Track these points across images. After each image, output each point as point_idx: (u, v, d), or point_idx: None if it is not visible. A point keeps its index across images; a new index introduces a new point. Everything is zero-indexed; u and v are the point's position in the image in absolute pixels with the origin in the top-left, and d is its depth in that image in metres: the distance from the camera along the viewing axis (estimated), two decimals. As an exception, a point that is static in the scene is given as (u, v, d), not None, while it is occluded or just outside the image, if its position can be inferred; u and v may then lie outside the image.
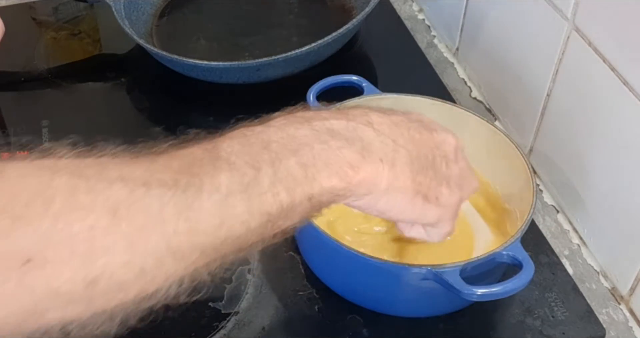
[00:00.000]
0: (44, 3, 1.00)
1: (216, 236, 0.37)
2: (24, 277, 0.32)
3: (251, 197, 0.38)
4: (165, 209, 0.35)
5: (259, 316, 0.64)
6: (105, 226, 0.34)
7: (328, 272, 0.66)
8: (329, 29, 0.81)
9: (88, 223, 0.34)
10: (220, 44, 0.92)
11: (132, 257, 0.35)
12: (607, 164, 0.66)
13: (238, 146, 0.40)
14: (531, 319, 0.64)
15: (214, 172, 0.38)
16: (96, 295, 0.35)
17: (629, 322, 0.67)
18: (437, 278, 0.55)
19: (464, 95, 0.89)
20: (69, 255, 0.33)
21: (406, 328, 0.64)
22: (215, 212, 0.37)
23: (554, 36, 0.69)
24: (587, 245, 0.72)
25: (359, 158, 0.42)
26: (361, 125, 0.44)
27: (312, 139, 0.42)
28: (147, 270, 0.35)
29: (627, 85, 0.60)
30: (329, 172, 0.41)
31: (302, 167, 0.40)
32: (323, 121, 0.43)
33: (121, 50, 0.94)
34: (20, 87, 0.90)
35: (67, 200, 0.34)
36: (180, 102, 0.87)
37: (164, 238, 0.35)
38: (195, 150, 0.39)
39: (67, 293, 0.34)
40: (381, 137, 0.44)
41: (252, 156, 0.39)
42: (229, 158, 0.39)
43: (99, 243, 0.34)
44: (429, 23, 0.99)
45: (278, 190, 0.39)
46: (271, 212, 0.39)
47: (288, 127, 0.42)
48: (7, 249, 0.32)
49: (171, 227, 0.35)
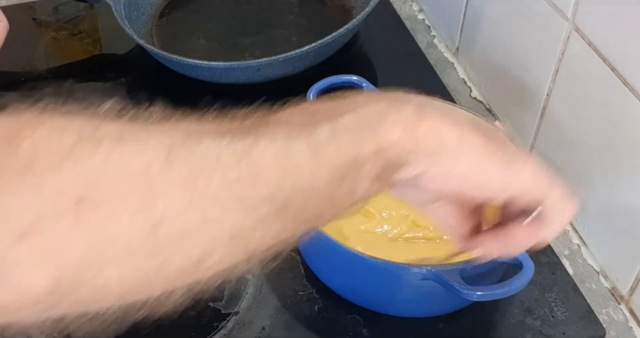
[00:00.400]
0: (44, 3, 1.00)
1: (281, 187, 0.33)
2: (79, 218, 0.29)
3: (313, 147, 0.34)
4: (224, 154, 0.32)
5: (259, 316, 0.64)
6: (161, 165, 0.31)
7: (328, 272, 0.66)
8: (329, 29, 0.81)
9: (144, 159, 0.30)
10: (220, 44, 0.92)
11: (192, 201, 0.31)
12: (607, 164, 0.66)
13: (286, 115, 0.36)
14: (531, 319, 0.64)
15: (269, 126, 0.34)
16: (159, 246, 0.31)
17: (629, 322, 0.67)
18: (437, 278, 0.55)
19: (464, 95, 0.89)
20: (125, 195, 0.30)
21: (406, 328, 0.64)
22: (277, 161, 0.33)
23: (554, 36, 0.69)
24: (587, 245, 0.72)
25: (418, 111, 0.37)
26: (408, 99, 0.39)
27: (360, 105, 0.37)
28: (211, 220, 0.32)
29: (627, 85, 0.60)
30: (390, 123, 0.36)
31: (360, 121, 0.36)
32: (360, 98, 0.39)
33: (121, 50, 0.94)
34: (20, 87, 0.90)
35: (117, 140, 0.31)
36: (180, 102, 0.87)
37: (225, 183, 0.32)
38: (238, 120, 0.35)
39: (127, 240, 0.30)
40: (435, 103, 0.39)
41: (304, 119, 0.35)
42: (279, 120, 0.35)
43: (156, 182, 0.30)
44: (429, 23, 0.99)
45: (340, 142, 0.35)
46: (337, 167, 0.34)
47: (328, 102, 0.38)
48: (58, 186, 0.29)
49: (233, 173, 0.32)
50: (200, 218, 0.31)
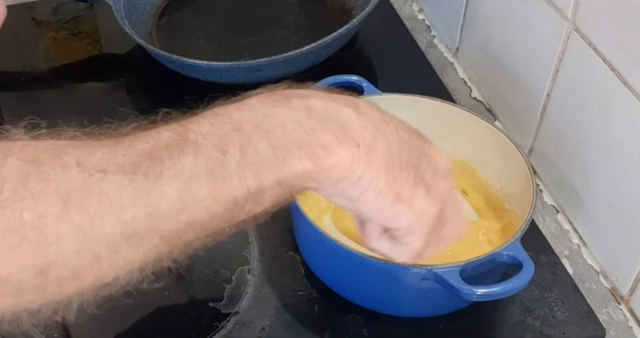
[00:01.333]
0: (44, 3, 1.00)
1: (177, 221, 0.36)
2: None
3: (216, 181, 0.36)
4: (123, 195, 0.35)
5: (259, 316, 0.64)
6: (56, 214, 0.33)
7: (328, 272, 0.66)
8: (329, 29, 0.81)
9: (38, 211, 0.33)
10: (220, 44, 0.92)
11: (85, 245, 0.34)
12: (607, 164, 0.66)
13: (208, 127, 0.38)
14: (531, 319, 0.64)
15: (179, 155, 0.36)
16: (48, 283, 0.34)
17: (629, 322, 0.67)
18: (437, 278, 0.55)
19: (464, 95, 0.89)
20: (17, 243, 0.33)
21: (406, 328, 0.64)
22: (176, 196, 0.36)
23: (554, 36, 0.69)
24: (587, 245, 0.72)
25: (333, 139, 0.39)
26: (344, 106, 0.41)
27: (287, 118, 0.39)
28: (102, 257, 0.35)
29: (627, 85, 0.60)
30: (301, 154, 0.38)
31: (273, 149, 0.38)
32: (302, 99, 0.41)
33: (121, 50, 0.94)
34: (20, 87, 0.90)
35: (17, 188, 0.33)
36: (180, 102, 0.87)
37: (120, 224, 0.34)
38: (162, 132, 0.38)
39: (18, 282, 0.34)
40: (363, 121, 0.41)
41: (221, 138, 0.37)
42: (196, 140, 0.37)
43: (50, 231, 0.33)
44: (429, 23, 0.99)
45: (245, 173, 0.37)
46: (237, 197, 0.37)
47: (264, 106, 0.40)
48: None
49: (128, 213, 0.35)
50: (91, 258, 0.35)
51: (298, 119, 0.39)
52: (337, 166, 0.40)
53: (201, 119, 0.39)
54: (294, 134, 0.39)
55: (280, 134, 0.38)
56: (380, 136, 0.41)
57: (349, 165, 0.40)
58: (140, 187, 0.35)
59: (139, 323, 0.62)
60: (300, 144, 0.38)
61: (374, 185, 0.41)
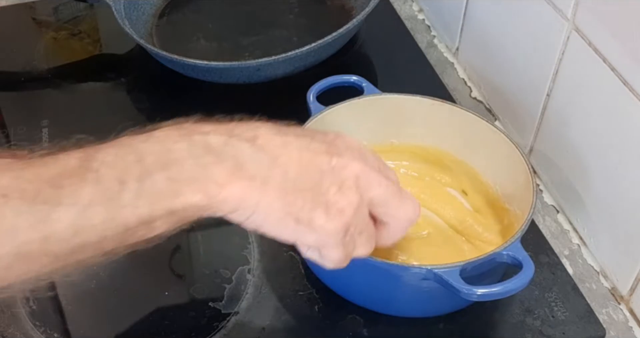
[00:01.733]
0: (44, 3, 1.00)
1: (70, 243, 0.39)
2: None
3: (109, 209, 0.40)
4: (19, 220, 0.38)
5: (259, 316, 0.64)
6: None
7: (328, 272, 0.65)
8: (329, 29, 0.81)
9: None
10: (220, 44, 0.92)
11: None
12: (606, 164, 0.66)
13: (111, 157, 0.41)
14: (531, 319, 0.64)
15: (80, 184, 0.40)
16: None
17: (629, 322, 0.67)
18: (437, 278, 0.55)
19: (464, 95, 0.89)
20: None
21: (406, 328, 0.64)
22: (70, 223, 0.39)
23: (554, 36, 0.69)
24: (587, 245, 0.72)
25: (227, 175, 0.43)
26: (240, 141, 0.45)
27: (187, 153, 0.43)
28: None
29: (627, 85, 0.60)
30: (194, 188, 0.42)
31: (169, 181, 0.41)
32: (203, 136, 0.44)
33: (121, 50, 0.94)
34: (20, 87, 0.90)
35: None
36: (180, 102, 0.87)
37: (13, 246, 0.38)
38: (70, 159, 0.41)
39: None
40: (258, 155, 0.45)
41: (121, 169, 0.41)
42: (98, 170, 0.40)
43: None
44: (429, 23, 0.99)
45: (139, 204, 0.41)
46: (128, 225, 0.41)
47: (167, 140, 0.43)
48: None
49: (22, 237, 0.38)
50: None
51: (196, 154, 0.43)
52: (229, 199, 0.43)
53: (108, 148, 0.42)
54: (190, 169, 0.42)
55: (177, 167, 0.42)
56: (275, 167, 0.45)
57: (242, 198, 0.43)
58: (38, 213, 0.38)
59: (139, 323, 0.62)
60: (195, 178, 0.42)
61: (271, 213, 0.45)
